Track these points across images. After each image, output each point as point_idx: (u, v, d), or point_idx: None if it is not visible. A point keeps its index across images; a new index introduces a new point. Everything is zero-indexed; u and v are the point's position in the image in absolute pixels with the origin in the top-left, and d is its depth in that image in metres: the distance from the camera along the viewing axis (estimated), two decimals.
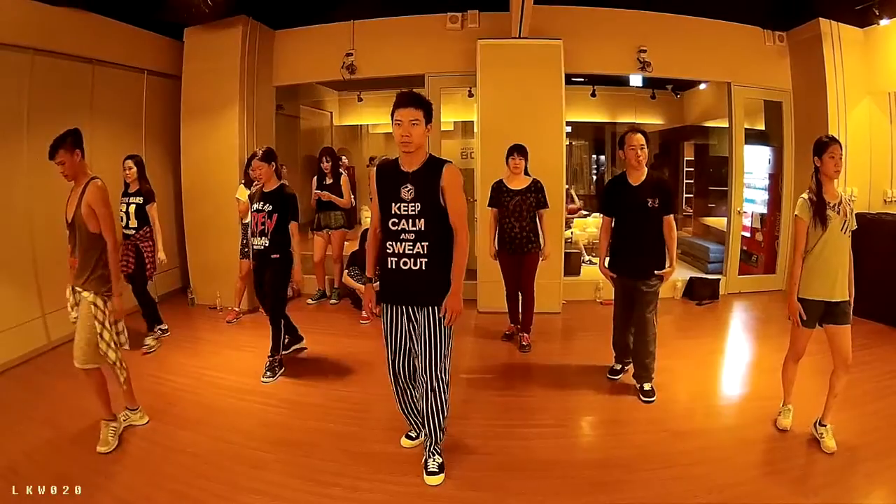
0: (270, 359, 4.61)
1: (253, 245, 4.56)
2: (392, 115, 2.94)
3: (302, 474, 3.25)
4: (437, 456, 3.22)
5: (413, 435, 3.54)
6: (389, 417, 3.62)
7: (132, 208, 5.07)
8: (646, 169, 4.05)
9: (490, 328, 5.77)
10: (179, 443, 3.60)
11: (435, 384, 3.09)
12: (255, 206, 4.50)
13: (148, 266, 5.13)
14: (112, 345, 3.47)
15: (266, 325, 4.71)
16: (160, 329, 5.45)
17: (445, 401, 3.17)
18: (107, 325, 3.42)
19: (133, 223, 5.08)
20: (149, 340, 5.19)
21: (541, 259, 5.09)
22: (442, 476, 3.15)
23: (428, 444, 3.23)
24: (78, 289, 3.43)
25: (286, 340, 4.83)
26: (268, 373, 4.54)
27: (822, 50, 6.36)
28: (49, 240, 4.98)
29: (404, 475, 3.21)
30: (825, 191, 3.34)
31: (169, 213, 6.89)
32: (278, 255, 4.46)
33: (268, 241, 4.42)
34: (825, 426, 3.39)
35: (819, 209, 3.30)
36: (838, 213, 3.30)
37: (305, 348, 5.13)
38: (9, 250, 4.86)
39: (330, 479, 3.19)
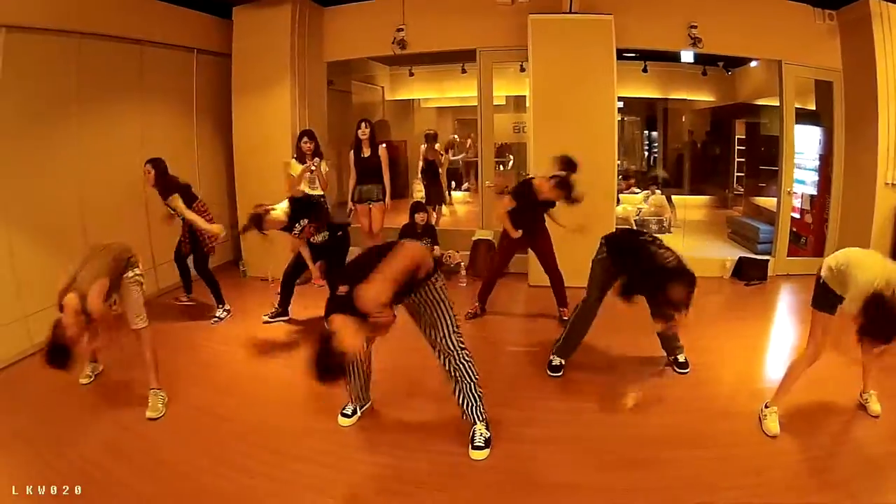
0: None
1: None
2: None
3: (348, 442, 3.50)
4: (484, 430, 3.37)
5: (348, 412, 3.74)
6: (437, 387, 3.76)
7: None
8: None
9: (539, 303, 6.05)
10: (227, 410, 3.90)
11: (461, 355, 3.33)
12: None
13: (203, 241, 5.62)
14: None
15: (315, 296, 5.18)
16: (224, 310, 5.83)
17: (474, 367, 3.39)
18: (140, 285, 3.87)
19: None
20: (219, 313, 5.69)
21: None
22: (487, 451, 3.31)
23: (473, 416, 3.40)
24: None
25: (277, 311, 5.64)
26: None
27: (872, 30, 6.50)
28: (100, 217, 5.47)
29: (450, 445, 3.40)
30: None
31: (221, 189, 7.43)
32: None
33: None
34: (870, 392, 3.65)
35: None
36: None
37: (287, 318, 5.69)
38: (61, 227, 5.24)
39: (377, 447, 3.43)
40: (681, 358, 4.43)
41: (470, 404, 3.39)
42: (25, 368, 4.64)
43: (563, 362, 4.46)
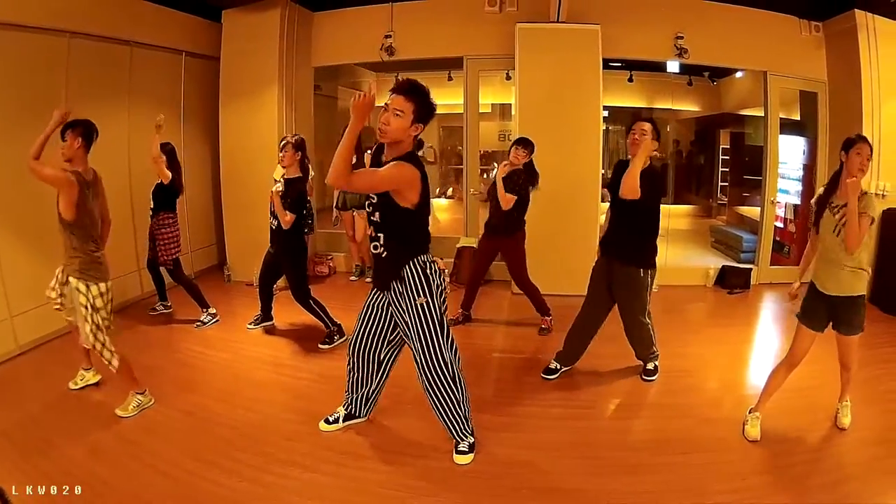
0: (328, 330, 5.27)
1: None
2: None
3: (335, 447, 3.54)
4: (468, 436, 3.42)
5: (331, 419, 3.75)
6: (422, 393, 3.61)
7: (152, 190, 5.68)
8: None
9: (523, 310, 6.08)
10: (215, 415, 3.95)
11: (433, 379, 3.29)
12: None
13: (161, 252, 5.63)
14: (96, 330, 3.77)
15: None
16: (209, 314, 5.83)
17: (455, 390, 3.32)
18: (90, 309, 3.74)
19: (150, 204, 5.67)
20: (203, 317, 5.73)
21: None
22: (471, 456, 3.37)
23: (453, 430, 3.41)
24: (67, 272, 3.90)
25: (259, 317, 5.71)
26: (326, 339, 5.23)
27: (858, 42, 6.66)
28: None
29: (436, 451, 3.47)
30: (838, 188, 3.44)
31: (206, 192, 7.56)
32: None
33: (276, 222, 5.09)
34: (843, 403, 3.76)
35: (817, 207, 3.51)
36: (835, 214, 3.39)
37: (271, 324, 5.77)
38: (48, 228, 5.03)
39: (363, 452, 3.50)
40: (650, 366, 4.57)
41: (450, 426, 3.41)
42: (11, 369, 4.73)
43: (559, 367, 4.61)
